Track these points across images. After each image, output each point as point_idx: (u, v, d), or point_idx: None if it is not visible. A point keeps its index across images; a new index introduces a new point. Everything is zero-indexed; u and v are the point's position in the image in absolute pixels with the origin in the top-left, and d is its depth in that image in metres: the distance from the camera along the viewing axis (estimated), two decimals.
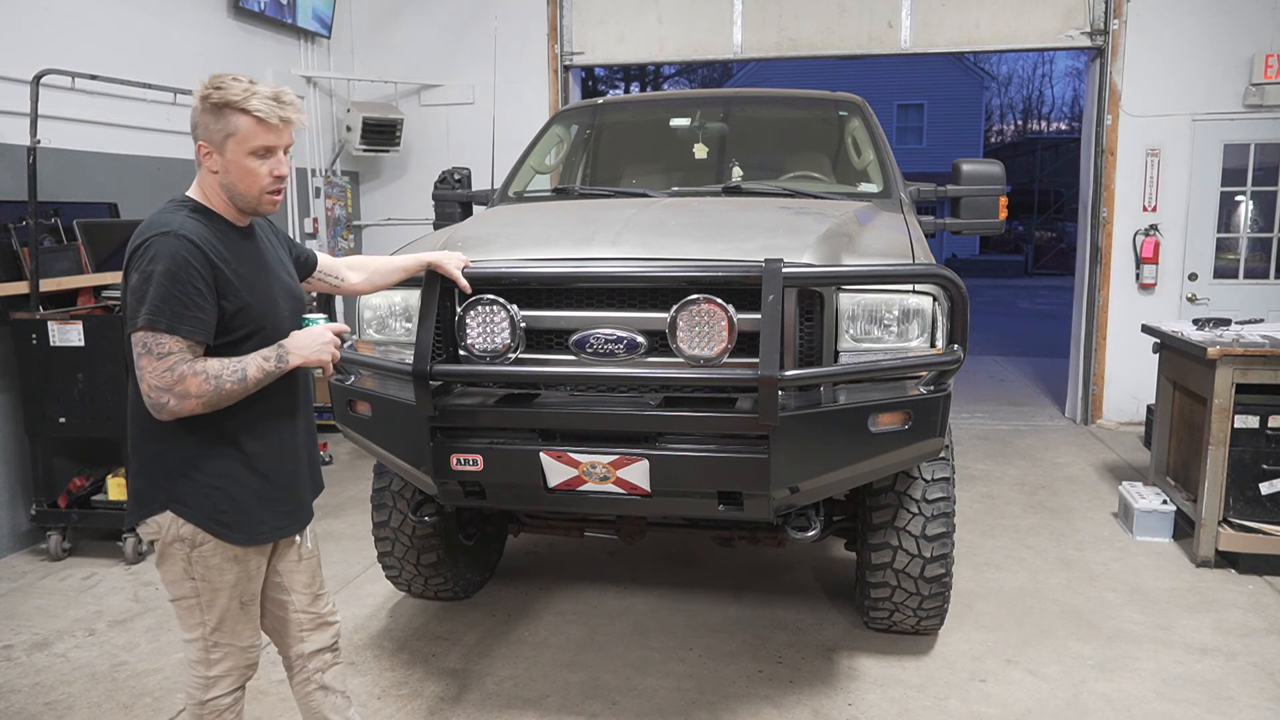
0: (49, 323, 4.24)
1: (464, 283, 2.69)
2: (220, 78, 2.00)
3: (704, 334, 2.53)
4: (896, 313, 2.72)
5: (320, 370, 2.16)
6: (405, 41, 7.56)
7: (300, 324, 2.17)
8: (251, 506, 2.11)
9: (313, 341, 2.09)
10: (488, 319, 2.67)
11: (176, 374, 1.91)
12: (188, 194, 2.07)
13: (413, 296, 2.96)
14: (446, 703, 3.14)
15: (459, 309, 2.72)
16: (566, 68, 7.45)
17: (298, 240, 2.50)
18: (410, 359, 2.67)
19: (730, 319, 2.51)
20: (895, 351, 2.71)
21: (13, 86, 4.45)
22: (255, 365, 2.00)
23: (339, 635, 2.43)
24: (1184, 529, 4.52)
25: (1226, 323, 4.61)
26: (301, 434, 2.25)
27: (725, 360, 2.56)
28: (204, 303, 1.95)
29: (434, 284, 2.71)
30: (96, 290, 4.62)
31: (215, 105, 1.97)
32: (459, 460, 2.76)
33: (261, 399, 2.08)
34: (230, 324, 2.02)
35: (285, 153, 2.08)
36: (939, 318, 2.74)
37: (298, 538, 2.30)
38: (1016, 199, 25.75)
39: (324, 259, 2.50)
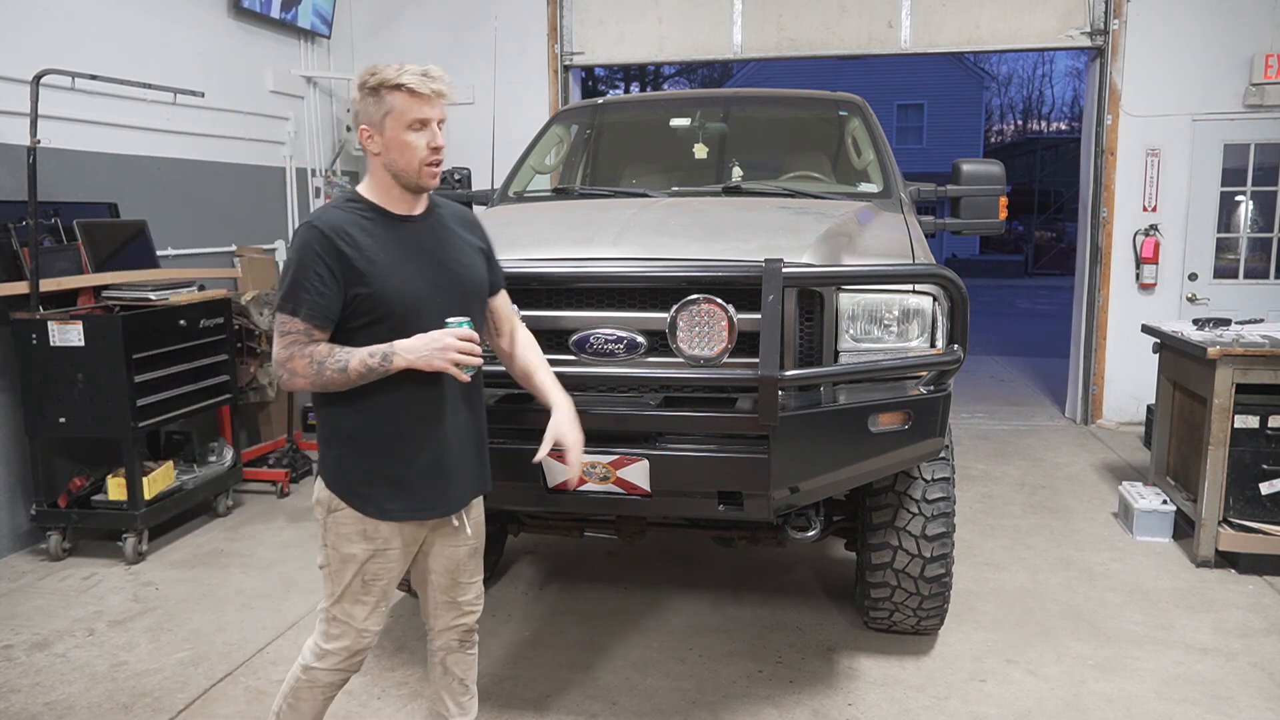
0: (49, 323, 4.24)
1: None
2: (374, 65, 2.12)
3: (704, 334, 2.53)
4: (896, 313, 2.72)
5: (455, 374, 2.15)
6: (405, 41, 7.56)
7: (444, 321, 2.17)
8: (384, 486, 2.18)
9: (423, 346, 2.09)
10: None
11: (289, 353, 2.07)
12: (358, 188, 2.23)
13: None
14: None
15: None
16: (566, 68, 7.45)
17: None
18: None
19: (730, 319, 2.51)
20: (895, 351, 2.71)
21: (13, 86, 4.45)
22: (359, 359, 2.07)
23: (472, 629, 2.48)
24: (1184, 529, 4.52)
25: (1226, 323, 4.60)
26: (449, 428, 2.23)
27: (725, 360, 2.56)
28: (324, 288, 2.06)
29: None
30: (96, 290, 4.61)
31: (372, 89, 2.10)
32: None
33: (398, 388, 2.13)
34: (357, 310, 2.10)
35: (440, 126, 2.15)
36: (939, 318, 2.74)
37: (455, 521, 2.32)
38: (1016, 199, 25.73)
39: (503, 302, 2.42)
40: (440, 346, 2.09)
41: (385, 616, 2.37)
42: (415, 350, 2.08)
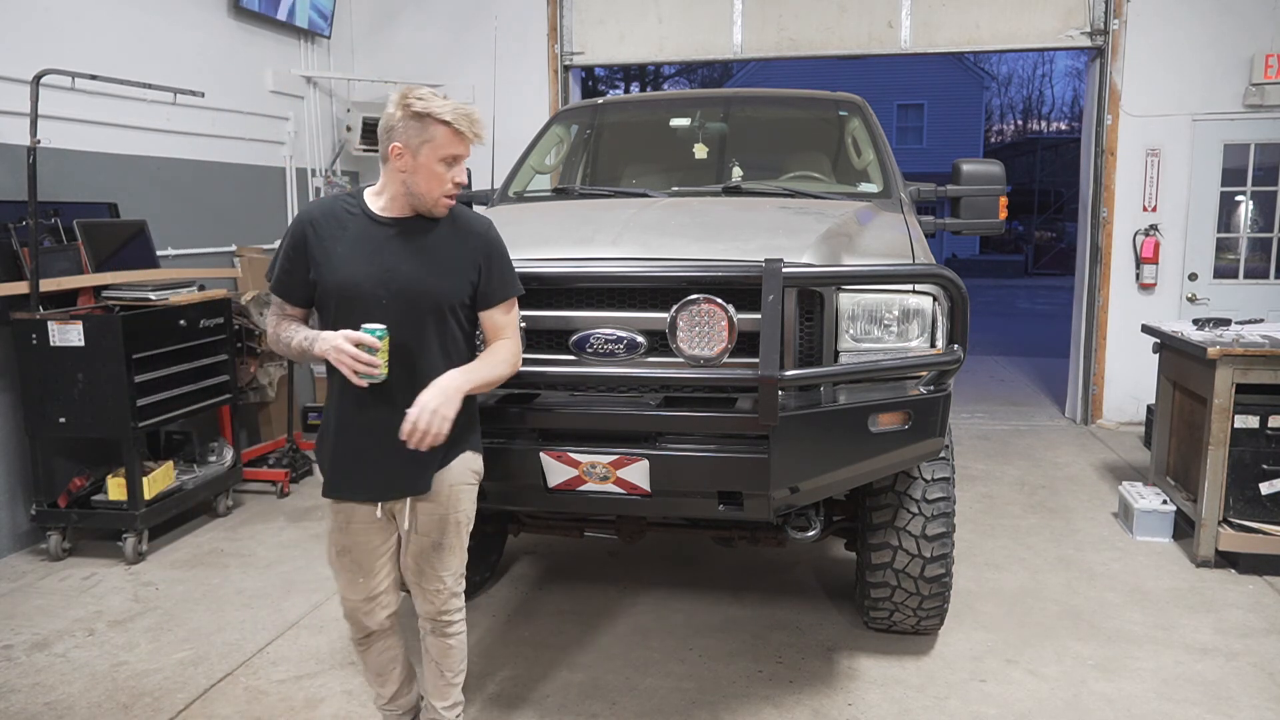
0: (49, 323, 4.24)
1: None
2: (418, 89, 2.23)
3: (704, 334, 2.53)
4: (896, 313, 2.72)
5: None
6: (405, 41, 7.56)
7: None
8: (329, 464, 2.39)
9: (328, 341, 2.22)
10: None
11: (272, 321, 2.37)
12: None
13: None
14: None
15: None
16: (566, 68, 7.45)
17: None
18: None
19: (730, 319, 2.52)
20: (895, 351, 2.71)
21: (13, 86, 4.45)
22: (298, 338, 2.28)
23: (445, 620, 2.54)
24: (1184, 529, 4.52)
25: (1226, 323, 4.61)
26: (371, 420, 2.32)
27: (725, 360, 2.56)
28: (290, 266, 2.31)
29: None
30: (96, 290, 4.61)
31: (418, 114, 2.19)
32: None
33: (337, 376, 2.29)
34: (317, 293, 2.32)
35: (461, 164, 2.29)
36: (939, 318, 2.74)
37: (378, 513, 2.40)
38: (1016, 199, 25.74)
39: (494, 316, 2.42)
40: (333, 346, 2.20)
41: (379, 596, 2.51)
42: (326, 342, 2.22)
